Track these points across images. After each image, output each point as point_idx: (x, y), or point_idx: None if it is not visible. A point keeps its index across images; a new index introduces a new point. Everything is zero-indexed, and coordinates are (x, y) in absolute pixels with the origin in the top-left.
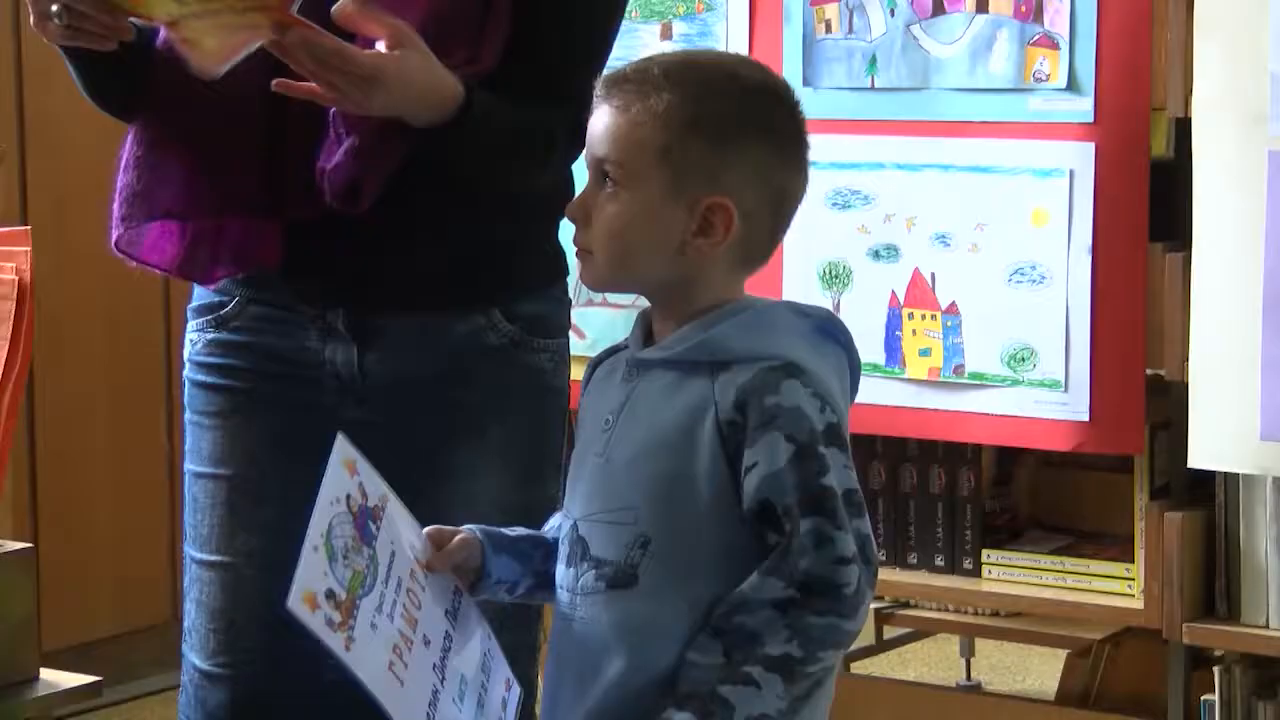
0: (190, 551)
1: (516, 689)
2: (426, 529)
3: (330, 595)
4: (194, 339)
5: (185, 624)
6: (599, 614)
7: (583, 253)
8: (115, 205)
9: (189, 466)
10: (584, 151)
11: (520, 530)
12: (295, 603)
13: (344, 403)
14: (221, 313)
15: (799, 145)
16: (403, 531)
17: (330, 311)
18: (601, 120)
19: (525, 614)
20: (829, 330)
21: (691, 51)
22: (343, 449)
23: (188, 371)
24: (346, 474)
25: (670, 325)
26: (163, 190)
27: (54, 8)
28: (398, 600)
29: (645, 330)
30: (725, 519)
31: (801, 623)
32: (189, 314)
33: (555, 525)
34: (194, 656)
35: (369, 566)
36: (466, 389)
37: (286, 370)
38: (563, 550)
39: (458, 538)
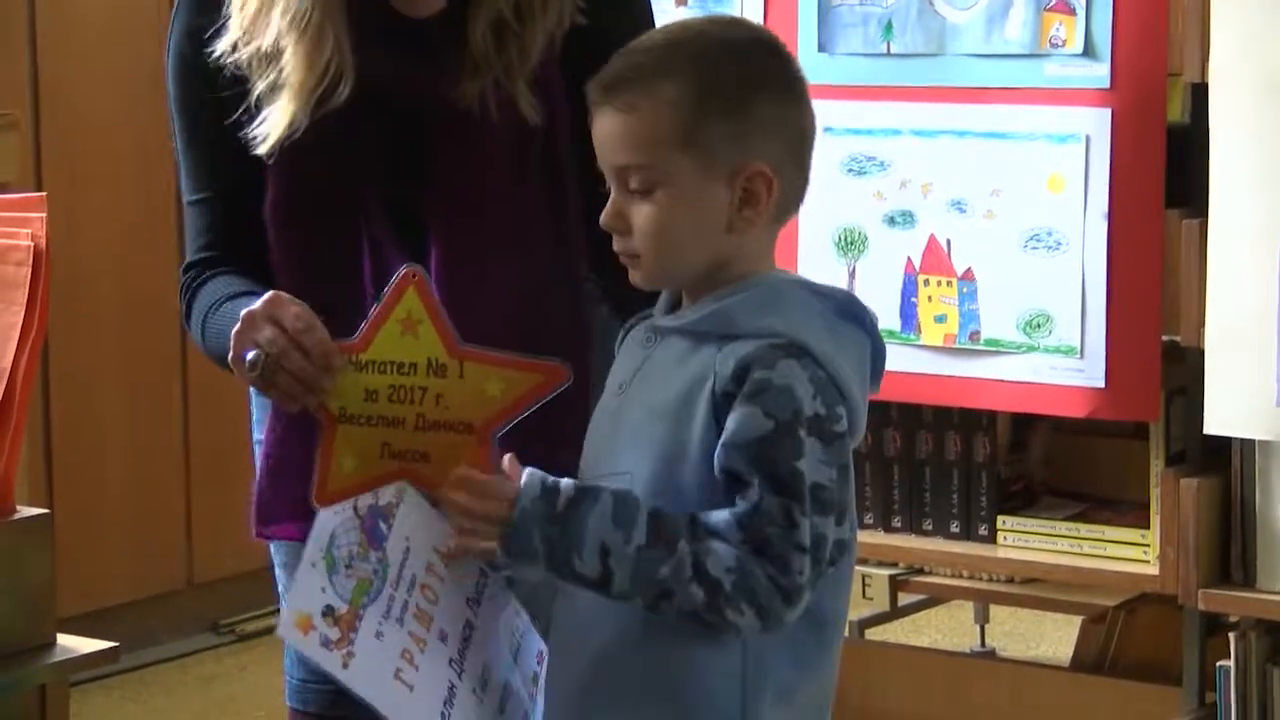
0: None
1: (541, 649)
2: (458, 471)
3: (328, 611)
4: None
5: (279, 590)
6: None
7: (629, 258)
8: (254, 498)
9: (260, 435)
10: (599, 159)
11: None
12: (286, 628)
13: None
14: None
15: (801, 85)
16: (420, 523)
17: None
18: (609, 126)
19: None
20: (851, 313)
21: (666, 32)
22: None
23: None
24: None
25: (693, 295)
26: (285, 502)
27: (250, 355)
28: (409, 600)
29: (674, 296)
30: (714, 489)
31: (748, 567)
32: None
33: None
34: None
35: (376, 571)
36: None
37: None
38: None
39: (506, 459)
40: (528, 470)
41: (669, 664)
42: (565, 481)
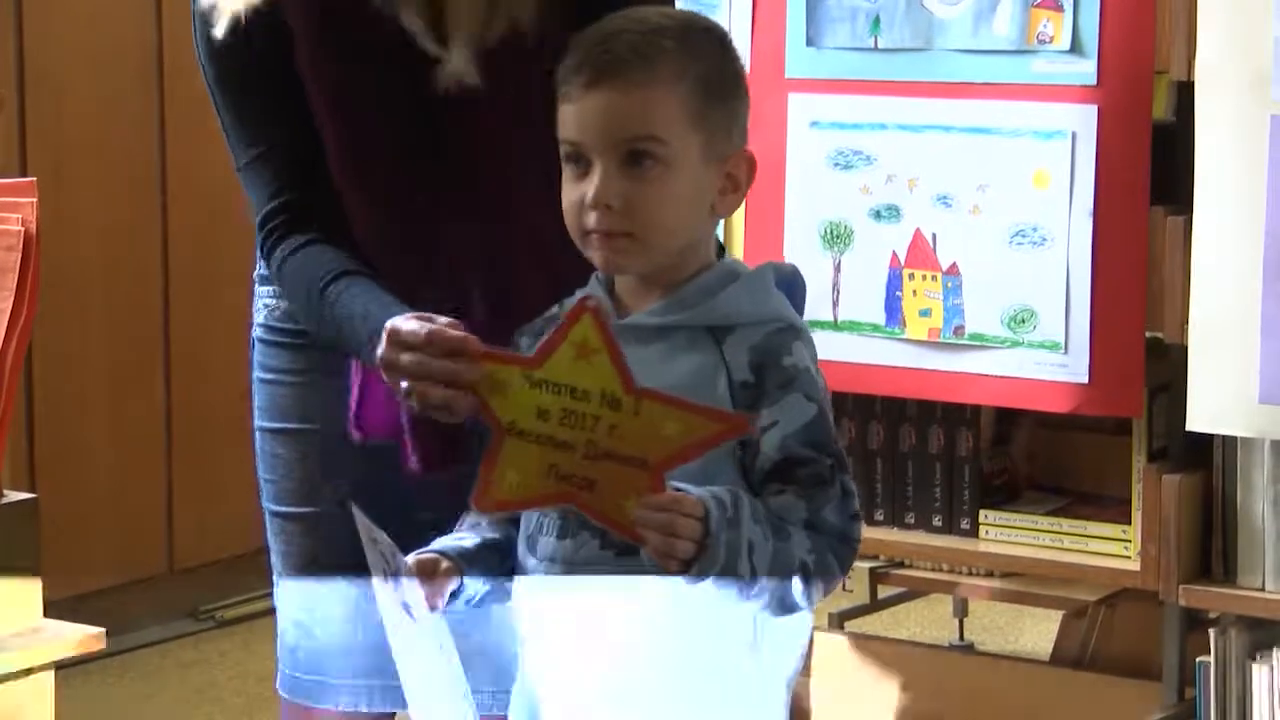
0: (272, 506)
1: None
2: (412, 561)
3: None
4: (270, 304)
5: (273, 577)
6: (598, 583)
7: (617, 238)
8: (353, 406)
9: (263, 424)
10: (588, 136)
11: (474, 539)
12: None
13: None
14: None
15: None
16: (410, 580)
17: None
18: (615, 102)
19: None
20: (788, 287)
21: (654, 18)
22: (359, 520)
23: (258, 333)
24: (373, 546)
25: (652, 289)
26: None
27: (404, 384)
28: (444, 667)
29: (606, 289)
30: (730, 479)
31: (819, 545)
32: (258, 280)
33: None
34: (283, 607)
35: (421, 642)
36: None
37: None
38: (546, 522)
39: (442, 568)
40: (688, 490)
41: (689, 655)
42: (716, 490)
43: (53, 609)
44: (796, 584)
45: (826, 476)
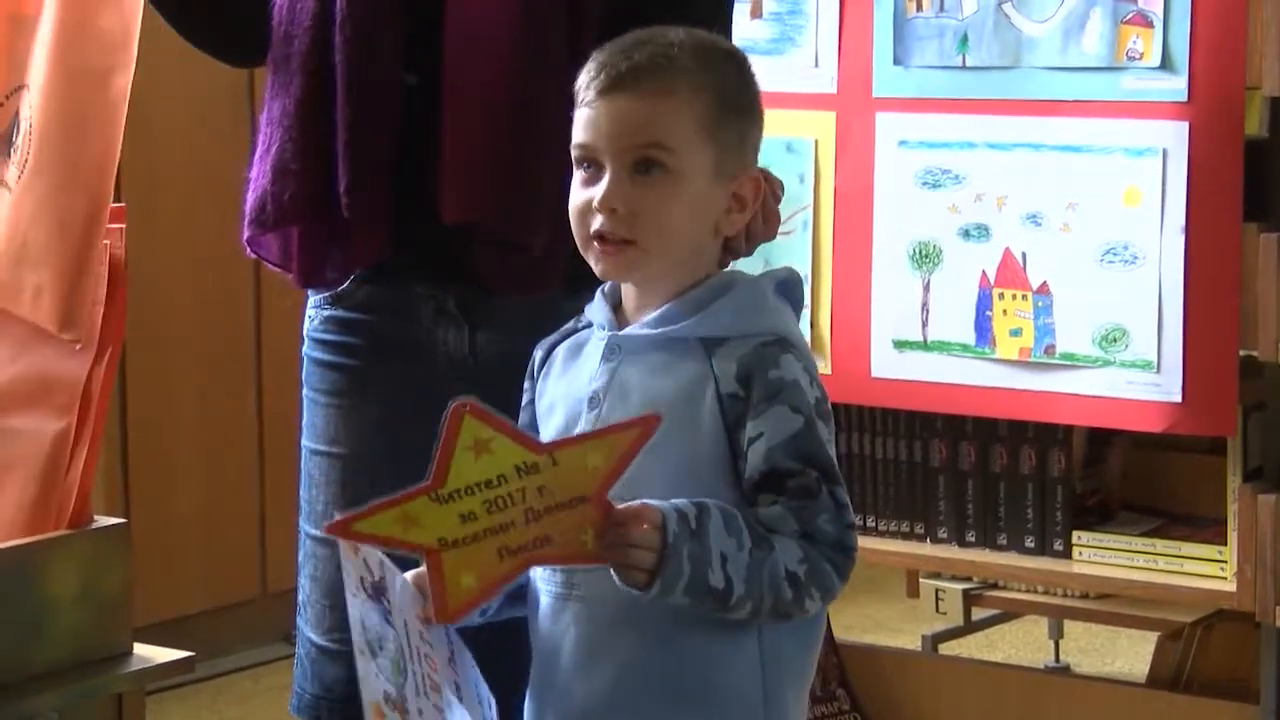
0: (305, 527)
1: (491, 699)
2: (409, 575)
3: (388, 698)
4: (312, 315)
5: (300, 598)
6: (605, 590)
7: (619, 244)
8: (250, 200)
9: (305, 443)
10: (600, 141)
11: None
12: None
13: (455, 383)
14: (338, 289)
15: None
16: (401, 592)
17: (441, 292)
18: (630, 108)
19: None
20: (785, 291)
21: (679, 33)
22: None
23: (306, 348)
24: (353, 555)
25: (651, 302)
26: (292, 197)
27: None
28: (423, 673)
29: (612, 305)
30: (724, 489)
31: (811, 554)
32: (308, 289)
33: None
34: (310, 631)
35: (398, 649)
36: None
37: (399, 350)
38: None
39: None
40: (648, 501)
41: (693, 665)
42: (679, 502)
43: (147, 633)
44: (786, 592)
45: (814, 488)
